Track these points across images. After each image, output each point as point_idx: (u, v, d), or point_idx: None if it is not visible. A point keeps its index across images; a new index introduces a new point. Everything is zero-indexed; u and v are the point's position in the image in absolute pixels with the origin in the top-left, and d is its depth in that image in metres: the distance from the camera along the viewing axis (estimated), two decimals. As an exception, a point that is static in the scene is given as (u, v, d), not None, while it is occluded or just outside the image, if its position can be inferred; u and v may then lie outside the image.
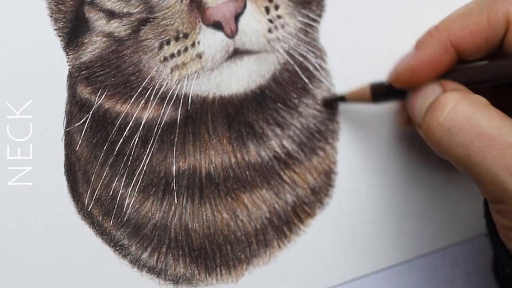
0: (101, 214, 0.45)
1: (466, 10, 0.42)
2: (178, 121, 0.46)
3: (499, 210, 0.38)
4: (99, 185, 0.45)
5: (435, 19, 0.51)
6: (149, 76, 0.45)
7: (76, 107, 0.44)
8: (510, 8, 0.40)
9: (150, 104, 0.45)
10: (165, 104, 0.45)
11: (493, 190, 0.37)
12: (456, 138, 0.38)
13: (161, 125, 0.45)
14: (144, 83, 0.45)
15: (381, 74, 0.47)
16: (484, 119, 0.38)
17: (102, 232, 0.45)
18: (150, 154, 0.45)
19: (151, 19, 0.45)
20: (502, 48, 0.41)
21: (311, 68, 0.48)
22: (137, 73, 0.45)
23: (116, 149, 0.45)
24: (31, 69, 0.43)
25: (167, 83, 0.45)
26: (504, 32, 0.40)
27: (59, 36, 0.44)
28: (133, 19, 0.44)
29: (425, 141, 0.41)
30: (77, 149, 0.44)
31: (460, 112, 0.38)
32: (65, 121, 0.44)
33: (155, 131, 0.45)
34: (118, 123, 0.45)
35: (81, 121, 0.44)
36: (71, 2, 0.44)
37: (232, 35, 0.45)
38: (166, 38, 0.45)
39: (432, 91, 0.41)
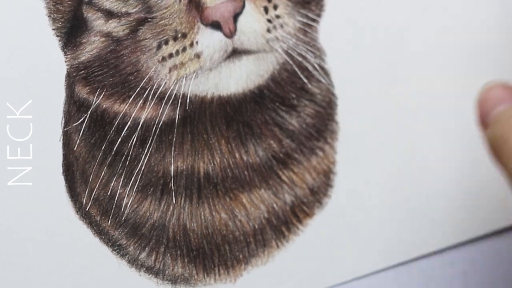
0: (99, 214, 0.45)
1: None
2: (176, 121, 0.46)
3: None
4: (97, 185, 0.45)
5: (434, 18, 0.51)
6: (147, 76, 0.45)
7: (74, 107, 0.44)
8: None
9: (148, 104, 0.45)
10: (163, 104, 0.45)
11: None
12: None
13: (159, 125, 0.45)
14: (142, 83, 0.45)
15: (379, 74, 0.47)
16: None
17: (100, 232, 0.45)
18: (148, 154, 0.45)
19: (149, 19, 0.45)
20: None
21: (310, 68, 0.48)
22: (135, 73, 0.45)
23: (114, 149, 0.45)
24: (30, 69, 0.43)
25: (165, 83, 0.45)
26: None
27: (57, 36, 0.44)
28: (132, 19, 0.44)
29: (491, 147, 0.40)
30: (75, 149, 0.44)
31: None
32: (63, 121, 0.44)
33: (153, 131, 0.45)
34: (116, 123, 0.45)
35: (79, 121, 0.44)
36: (69, 2, 0.44)
37: (230, 35, 0.45)
38: (165, 38, 0.45)
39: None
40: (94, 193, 0.45)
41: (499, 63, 0.53)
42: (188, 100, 0.46)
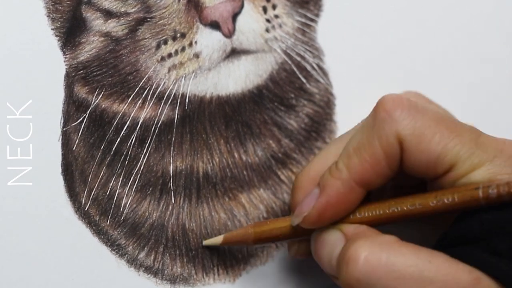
0: (98, 213, 0.45)
1: (358, 143, 0.39)
2: (175, 121, 0.46)
3: None
4: (96, 184, 0.45)
5: (432, 19, 0.51)
6: (147, 76, 0.45)
7: (73, 106, 0.44)
8: (398, 127, 0.38)
9: (147, 103, 0.45)
10: (162, 104, 0.45)
11: None
12: None
13: (159, 125, 0.45)
14: (141, 83, 0.45)
15: (378, 73, 0.47)
16: (398, 260, 0.36)
17: (99, 231, 0.45)
18: (147, 154, 0.45)
19: (148, 19, 0.45)
20: (402, 167, 0.40)
21: (308, 67, 0.48)
22: (134, 73, 0.45)
23: (113, 148, 0.45)
24: (30, 69, 0.43)
25: (164, 83, 0.45)
26: (400, 153, 0.39)
27: (56, 36, 0.44)
28: (131, 18, 0.44)
29: None
30: (74, 148, 0.44)
31: (374, 261, 0.36)
32: (62, 121, 0.44)
33: (152, 131, 0.45)
34: (115, 123, 0.45)
35: (78, 121, 0.44)
36: (68, 2, 0.44)
37: (229, 34, 0.45)
38: (164, 37, 0.45)
39: (335, 241, 0.40)
40: (93, 192, 0.45)
41: (497, 63, 0.53)
42: (187, 100, 0.46)
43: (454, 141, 0.38)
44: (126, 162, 0.45)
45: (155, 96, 0.45)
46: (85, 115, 0.44)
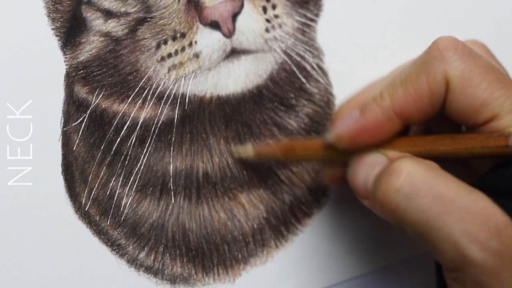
0: (98, 213, 0.45)
1: (406, 76, 0.40)
2: (175, 121, 0.46)
3: (456, 277, 0.37)
4: (96, 184, 0.45)
5: (432, 18, 0.51)
6: (146, 76, 0.45)
7: (73, 106, 0.44)
8: (447, 68, 0.38)
9: (147, 103, 0.45)
10: (162, 104, 0.45)
11: (452, 257, 0.36)
12: (414, 203, 0.37)
13: (158, 125, 0.45)
14: (141, 83, 0.45)
15: (377, 73, 0.47)
16: (440, 182, 0.37)
17: (99, 231, 0.45)
18: (147, 154, 0.45)
19: (148, 19, 0.45)
20: (444, 110, 0.40)
21: (308, 67, 0.48)
22: (134, 73, 0.45)
23: (113, 148, 0.45)
24: (30, 69, 0.44)
25: (164, 83, 0.45)
26: (445, 93, 0.39)
27: (57, 35, 0.44)
28: (131, 18, 0.44)
29: (375, 210, 0.40)
30: (74, 148, 0.44)
31: (417, 177, 0.37)
32: (62, 121, 0.44)
33: (152, 131, 0.45)
34: (115, 123, 0.45)
35: (78, 121, 0.44)
36: (68, 2, 0.44)
37: (229, 34, 0.45)
38: (164, 37, 0.45)
39: (377, 161, 0.40)
40: (93, 192, 0.45)
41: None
42: (187, 100, 0.46)
43: (501, 91, 0.38)
44: (126, 162, 0.45)
45: (155, 96, 0.45)
46: (85, 115, 0.44)
